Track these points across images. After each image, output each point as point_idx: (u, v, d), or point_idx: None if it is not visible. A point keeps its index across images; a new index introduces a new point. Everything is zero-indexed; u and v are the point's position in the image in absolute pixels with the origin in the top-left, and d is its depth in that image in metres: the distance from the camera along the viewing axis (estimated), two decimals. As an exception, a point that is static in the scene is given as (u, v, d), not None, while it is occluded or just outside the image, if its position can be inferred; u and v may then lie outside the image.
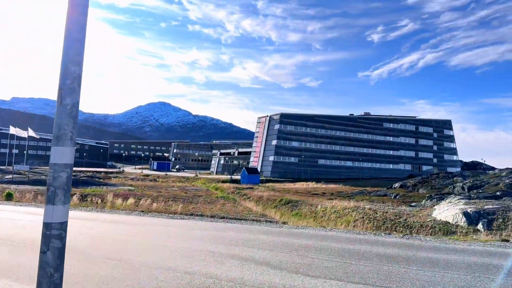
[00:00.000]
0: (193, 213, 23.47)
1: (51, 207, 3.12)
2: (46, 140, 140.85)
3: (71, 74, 3.23)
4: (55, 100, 3.41)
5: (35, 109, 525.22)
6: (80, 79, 3.30)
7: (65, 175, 3.16)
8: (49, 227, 3.13)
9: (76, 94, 3.27)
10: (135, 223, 13.62)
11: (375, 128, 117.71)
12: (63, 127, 3.15)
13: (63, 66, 3.21)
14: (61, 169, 3.13)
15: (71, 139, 3.20)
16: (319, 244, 9.59)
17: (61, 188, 3.13)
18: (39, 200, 26.60)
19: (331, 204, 32.88)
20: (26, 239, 9.53)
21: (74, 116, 3.23)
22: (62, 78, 3.21)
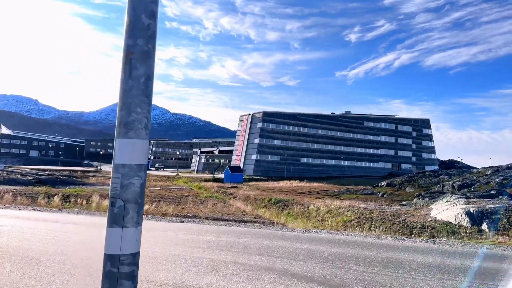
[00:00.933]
0: (186, 215, 22.29)
1: (118, 230, 2.07)
2: (20, 138, 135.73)
3: (144, 31, 2.17)
4: (28, 97, 2.37)
5: (7, 106, 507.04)
6: (155, 39, 2.25)
7: (138, 181, 2.12)
8: (115, 262, 2.07)
9: (152, 61, 2.23)
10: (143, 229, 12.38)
11: (356, 127, 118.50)
12: (134, 110, 2.10)
13: (133, 18, 2.15)
14: (134, 173, 2.08)
15: (145, 127, 2.15)
16: (350, 252, 8.70)
17: (134, 202, 2.09)
18: (18, 201, 24.81)
19: (323, 203, 32.20)
20: (19, 249, 8.26)
21: (149, 94, 2.18)
22: (131, 36, 2.15)
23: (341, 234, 12.56)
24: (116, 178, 2.07)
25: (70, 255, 7.79)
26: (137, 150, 2.09)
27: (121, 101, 2.11)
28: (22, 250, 8.05)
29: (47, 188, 34.70)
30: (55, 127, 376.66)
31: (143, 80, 2.12)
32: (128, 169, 2.05)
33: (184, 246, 9.07)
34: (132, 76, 2.10)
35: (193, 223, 14.56)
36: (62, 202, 24.79)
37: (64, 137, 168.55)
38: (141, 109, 2.11)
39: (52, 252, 7.98)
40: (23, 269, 6.56)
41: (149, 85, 2.16)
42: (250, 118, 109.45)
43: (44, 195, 27.01)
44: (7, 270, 6.48)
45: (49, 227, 12.10)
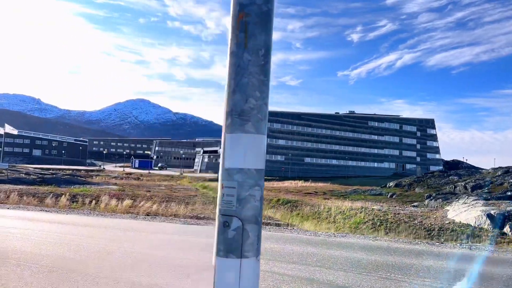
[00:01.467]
0: (197, 216, 21.74)
1: (235, 262, 1.48)
2: (23, 137, 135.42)
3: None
4: (30, 96, 1.77)
5: (10, 105, 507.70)
6: (273, 0, 1.67)
7: (258, 193, 1.53)
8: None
9: (271, 27, 1.64)
10: (156, 231, 11.86)
11: (360, 127, 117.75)
12: (252, 94, 1.53)
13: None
14: (254, 181, 1.50)
15: (265, 118, 1.58)
16: (389, 260, 8.11)
17: (254, 221, 1.51)
18: (25, 201, 24.29)
19: (333, 204, 31.59)
20: (35, 255, 7.68)
21: (268, 72, 1.61)
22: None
23: (369, 238, 11.96)
24: (230, 188, 1.48)
25: (89, 264, 7.22)
26: (258, 149, 1.51)
27: (232, 82, 1.53)
28: (38, 257, 7.49)
29: (53, 188, 34.19)
30: (58, 126, 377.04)
31: (262, 53, 1.54)
32: (246, 176, 1.47)
33: (210, 252, 8.49)
34: (249, 48, 1.51)
35: (210, 225, 13.98)
36: (70, 202, 24.26)
37: (64, 136, 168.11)
38: (260, 93, 1.52)
39: (69, 258, 7.42)
40: (42, 280, 5.99)
41: (268, 60, 1.58)
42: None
43: (51, 195, 26.47)
44: (25, 282, 5.91)
45: (62, 229, 11.55)
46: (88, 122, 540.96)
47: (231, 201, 1.47)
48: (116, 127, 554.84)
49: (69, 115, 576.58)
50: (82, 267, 6.78)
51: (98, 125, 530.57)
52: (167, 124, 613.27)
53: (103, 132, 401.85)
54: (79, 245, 8.90)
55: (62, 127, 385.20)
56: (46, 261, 7.14)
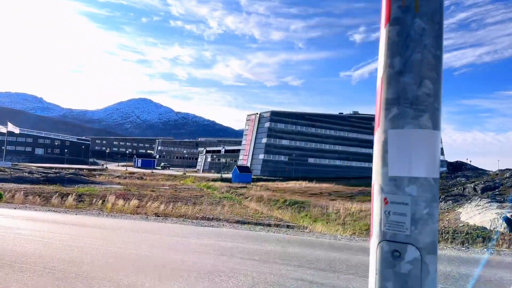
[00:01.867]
0: (206, 217, 21.33)
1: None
2: (26, 136, 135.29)
3: None
4: (33, 95, 1.35)
5: (12, 104, 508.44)
6: None
7: (436, 211, 1.22)
8: None
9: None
10: (170, 233, 11.46)
11: (364, 127, 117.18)
12: (427, 75, 1.24)
13: None
14: (431, 194, 1.18)
15: (440, 108, 1.28)
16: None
17: (432, 251, 1.18)
18: (30, 200, 23.95)
19: (342, 205, 31.18)
20: (59, 261, 7.29)
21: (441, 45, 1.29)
22: None
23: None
24: (400, 205, 1.18)
25: (108, 269, 6.82)
26: (434, 150, 1.21)
27: (397, 59, 1.21)
28: (53, 261, 7.09)
29: (58, 187, 33.86)
30: (60, 125, 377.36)
31: (438, 19, 1.26)
32: (423, 188, 1.14)
33: (237, 258, 8.06)
34: (422, 12, 1.22)
35: (224, 228, 13.57)
36: (76, 202, 23.89)
37: (67, 135, 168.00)
38: (437, 74, 1.26)
39: (86, 263, 7.02)
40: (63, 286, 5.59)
41: (442, 29, 1.27)
42: (257, 118, 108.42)
43: (57, 195, 26.11)
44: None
45: (73, 231, 11.16)
46: (90, 121, 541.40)
47: (403, 222, 1.13)
48: (118, 126, 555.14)
49: (71, 114, 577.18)
50: (102, 273, 6.38)
51: (100, 124, 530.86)
52: (169, 123, 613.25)
53: (105, 131, 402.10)
54: (93, 247, 8.50)
55: (64, 126, 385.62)
56: (62, 266, 6.74)
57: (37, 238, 9.52)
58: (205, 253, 8.31)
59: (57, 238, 9.62)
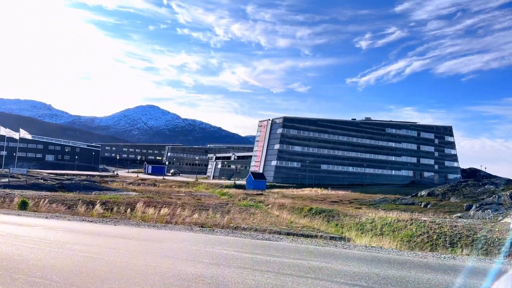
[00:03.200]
0: (239, 227, 20.05)
1: None
2: (36, 142, 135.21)
3: None
4: (41, 102, 1.12)
5: (21, 111, 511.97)
6: None
7: None
8: None
9: None
10: (238, 249, 10.21)
11: (378, 133, 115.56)
12: None
13: None
14: None
15: None
16: None
17: None
18: (54, 208, 22.83)
19: (376, 214, 29.74)
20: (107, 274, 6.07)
21: None
22: None
23: (478, 259, 10.17)
24: None
25: None
26: None
27: None
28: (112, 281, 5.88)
29: (78, 195, 32.80)
30: (68, 132, 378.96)
31: None
32: None
33: (349, 285, 6.77)
34: None
35: (281, 241, 12.29)
36: (104, 211, 22.73)
37: (77, 142, 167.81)
38: None
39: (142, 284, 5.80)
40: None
41: None
42: (269, 124, 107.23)
43: (81, 202, 25.00)
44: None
45: (129, 246, 9.96)
46: (98, 128, 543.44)
47: None
48: (126, 133, 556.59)
49: (79, 120, 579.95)
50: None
51: (108, 131, 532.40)
52: (176, 130, 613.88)
53: (113, 138, 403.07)
54: (174, 270, 7.30)
55: (73, 133, 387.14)
56: None
57: (96, 255, 8.32)
58: (304, 277, 7.05)
59: (116, 255, 8.42)
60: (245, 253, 9.36)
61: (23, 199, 21.87)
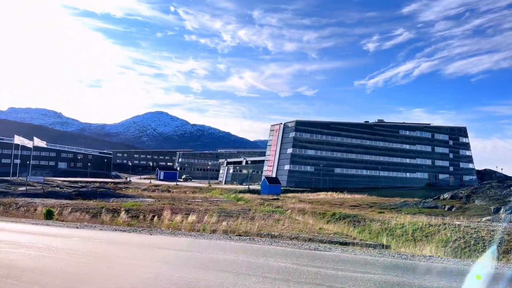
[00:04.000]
0: (270, 234, 19.38)
1: None
2: (49, 150, 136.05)
3: None
4: (52, 110, 1.11)
5: (32, 119, 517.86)
6: None
7: None
8: None
9: None
10: (300, 259, 9.56)
11: (391, 136, 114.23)
12: None
13: None
14: None
15: None
16: None
17: None
18: (78, 217, 22.38)
19: (405, 219, 28.85)
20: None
21: None
22: None
23: None
24: None
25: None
26: None
27: None
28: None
29: (99, 202, 32.42)
30: (79, 139, 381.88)
31: None
32: None
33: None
34: None
35: (327, 251, 11.61)
36: (130, 219, 22.24)
37: (88, 149, 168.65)
38: None
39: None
40: None
41: None
42: (281, 128, 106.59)
43: (104, 210, 24.56)
44: None
45: (180, 258, 9.35)
46: (108, 135, 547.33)
47: None
48: (135, 139, 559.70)
49: (89, 128, 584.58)
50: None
51: (118, 138, 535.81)
52: (185, 135, 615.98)
53: (123, 145, 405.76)
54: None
55: (83, 140, 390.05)
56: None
57: (155, 272, 7.73)
58: None
59: (180, 271, 7.81)
60: (306, 266, 8.71)
61: (48, 208, 21.44)
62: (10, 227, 15.43)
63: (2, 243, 10.75)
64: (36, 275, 7.10)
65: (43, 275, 7.10)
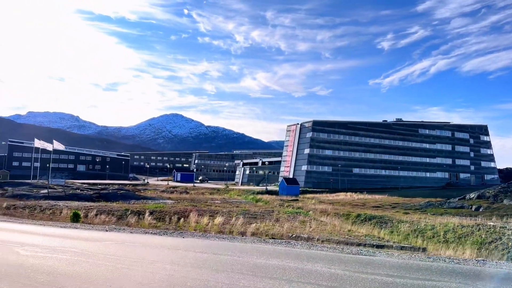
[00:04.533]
0: (300, 236, 18.82)
1: None
2: (68, 153, 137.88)
3: None
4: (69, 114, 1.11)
5: (50, 123, 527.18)
6: None
7: None
8: None
9: None
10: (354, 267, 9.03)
11: (410, 135, 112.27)
12: None
13: None
14: None
15: None
16: None
17: None
18: (104, 220, 22.19)
19: (435, 220, 27.94)
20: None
21: None
22: None
23: None
24: None
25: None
26: None
27: None
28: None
29: (122, 204, 32.34)
30: (96, 142, 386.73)
31: None
32: None
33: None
34: None
35: (372, 255, 11.02)
36: (155, 221, 21.96)
37: (106, 151, 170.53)
38: None
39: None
40: None
41: None
42: (298, 128, 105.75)
43: (129, 213, 24.35)
44: None
45: (226, 263, 8.91)
46: (124, 137, 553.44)
47: None
48: (151, 141, 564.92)
49: (106, 131, 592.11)
50: None
51: (134, 140, 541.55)
52: (200, 137, 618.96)
53: (139, 147, 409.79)
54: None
55: (100, 143, 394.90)
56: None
57: (204, 280, 7.29)
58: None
59: (230, 279, 7.36)
60: (358, 273, 8.15)
61: (75, 211, 21.30)
62: (40, 230, 15.24)
63: (37, 247, 10.48)
64: (80, 283, 6.73)
65: (87, 283, 6.73)
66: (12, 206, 29.45)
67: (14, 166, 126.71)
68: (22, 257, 8.97)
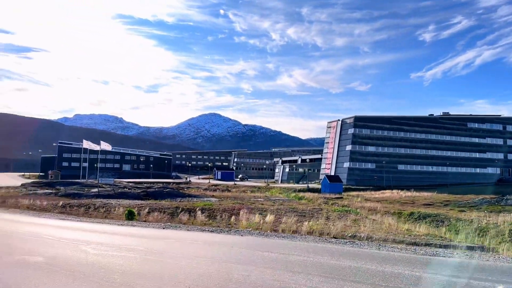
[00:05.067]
0: (356, 235, 18.02)
1: None
2: (114, 153, 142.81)
3: None
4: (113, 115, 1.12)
5: (96, 124, 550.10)
6: None
7: None
8: None
9: None
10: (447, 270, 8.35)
11: (458, 129, 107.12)
12: None
13: None
14: None
15: None
16: None
17: None
18: (157, 217, 22.39)
19: (498, 218, 26.19)
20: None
21: None
22: None
23: None
24: None
25: None
26: None
27: None
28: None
29: (171, 202, 32.78)
30: (139, 142, 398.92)
31: None
32: None
33: None
34: None
35: (444, 256, 10.18)
36: (208, 218, 21.93)
37: (150, 151, 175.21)
38: None
39: None
40: None
41: None
42: (339, 124, 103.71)
43: (181, 211, 24.51)
44: None
45: (299, 264, 8.48)
46: (165, 137, 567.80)
47: None
48: (191, 141, 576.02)
49: (148, 131, 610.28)
50: None
51: (174, 140, 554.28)
52: (237, 135, 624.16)
53: (179, 146, 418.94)
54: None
55: (143, 143, 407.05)
56: None
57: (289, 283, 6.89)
58: None
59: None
60: (449, 277, 7.44)
61: (130, 209, 21.66)
62: (99, 228, 15.47)
63: (102, 245, 10.49)
64: (154, 283, 6.49)
65: (165, 284, 6.48)
66: (68, 205, 30.50)
67: (64, 167, 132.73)
68: (91, 256, 8.94)
